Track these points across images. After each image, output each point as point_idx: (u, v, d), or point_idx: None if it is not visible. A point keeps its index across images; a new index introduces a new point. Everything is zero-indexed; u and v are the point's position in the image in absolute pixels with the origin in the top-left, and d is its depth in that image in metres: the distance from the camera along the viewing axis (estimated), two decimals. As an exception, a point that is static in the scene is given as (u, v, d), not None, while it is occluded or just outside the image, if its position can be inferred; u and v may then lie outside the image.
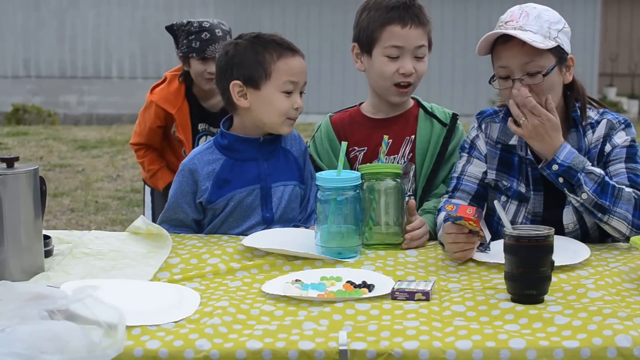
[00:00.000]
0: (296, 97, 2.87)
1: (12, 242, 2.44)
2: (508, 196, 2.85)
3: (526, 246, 2.21)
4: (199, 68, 4.25)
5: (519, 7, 2.73)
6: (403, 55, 2.97)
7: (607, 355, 1.94)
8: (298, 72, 2.86)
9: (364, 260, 2.61)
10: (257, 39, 2.88)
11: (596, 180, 2.61)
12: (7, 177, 2.43)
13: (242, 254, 2.65)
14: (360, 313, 2.15)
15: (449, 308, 2.18)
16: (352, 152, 3.07)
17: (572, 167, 2.62)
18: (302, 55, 2.92)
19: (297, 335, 2.01)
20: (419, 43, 2.98)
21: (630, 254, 2.64)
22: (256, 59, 2.84)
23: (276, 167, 2.91)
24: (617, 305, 2.17)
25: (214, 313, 2.15)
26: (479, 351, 1.94)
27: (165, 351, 1.96)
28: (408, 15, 2.96)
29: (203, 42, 4.19)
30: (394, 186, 2.74)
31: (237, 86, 2.85)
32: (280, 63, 2.84)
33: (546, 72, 2.67)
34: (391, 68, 2.97)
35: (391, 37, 2.96)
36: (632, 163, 2.74)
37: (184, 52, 4.27)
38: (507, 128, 2.83)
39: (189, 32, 4.25)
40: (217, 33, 4.23)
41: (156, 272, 2.51)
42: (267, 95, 2.84)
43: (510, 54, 2.68)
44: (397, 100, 3.05)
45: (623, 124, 2.80)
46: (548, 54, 2.68)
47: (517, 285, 2.22)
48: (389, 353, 1.94)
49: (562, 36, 2.72)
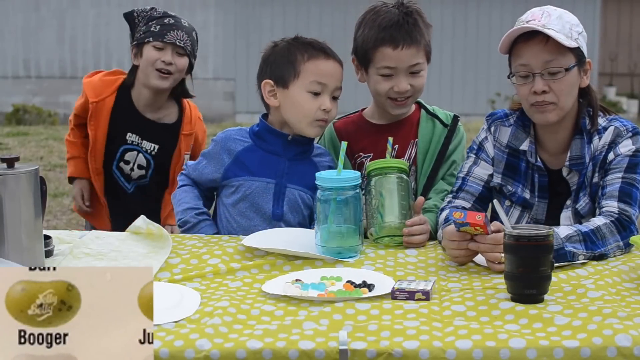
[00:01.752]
0: (324, 99, 2.87)
1: (13, 242, 2.45)
2: (512, 201, 2.84)
3: (526, 246, 2.21)
4: (152, 55, 3.64)
5: (540, 8, 2.72)
6: (397, 74, 2.96)
7: (607, 354, 1.94)
8: (327, 74, 2.88)
9: (364, 260, 2.61)
10: (295, 40, 2.94)
11: (579, 239, 2.52)
12: (8, 178, 2.43)
13: (242, 254, 2.65)
14: (360, 313, 2.15)
15: (449, 308, 2.19)
16: (359, 158, 3.08)
17: (557, 248, 2.45)
18: (338, 61, 2.93)
19: (298, 335, 2.01)
20: (412, 62, 2.95)
21: (630, 254, 2.64)
22: (288, 59, 2.88)
23: (297, 169, 2.92)
24: (617, 305, 2.17)
25: (214, 313, 2.15)
26: (479, 351, 1.94)
27: (165, 351, 1.96)
28: (400, 35, 2.92)
29: (164, 26, 3.66)
30: (401, 180, 2.76)
31: (269, 85, 2.91)
32: (309, 63, 2.87)
33: (568, 68, 2.67)
34: (385, 87, 2.98)
35: (383, 58, 2.95)
36: (631, 173, 2.69)
37: (139, 38, 3.68)
38: (518, 132, 2.83)
39: (150, 17, 3.70)
40: (182, 22, 3.72)
41: (156, 272, 2.51)
42: (294, 95, 2.87)
43: (532, 51, 2.67)
44: (396, 112, 3.06)
45: (631, 132, 2.75)
46: (569, 54, 2.68)
47: (517, 284, 2.22)
48: (389, 353, 1.94)
49: (581, 39, 2.72)
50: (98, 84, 3.77)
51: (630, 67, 21.76)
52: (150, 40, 3.62)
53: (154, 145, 3.78)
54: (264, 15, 16.52)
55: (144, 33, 3.63)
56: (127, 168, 3.80)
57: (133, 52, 3.69)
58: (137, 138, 3.75)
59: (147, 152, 3.78)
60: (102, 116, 3.75)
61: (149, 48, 3.63)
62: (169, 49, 3.61)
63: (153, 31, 3.62)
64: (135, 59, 3.69)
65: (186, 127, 3.80)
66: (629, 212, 2.63)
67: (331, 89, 2.89)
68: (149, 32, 3.63)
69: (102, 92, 3.74)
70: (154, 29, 3.61)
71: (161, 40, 3.61)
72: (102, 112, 3.74)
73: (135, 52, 3.68)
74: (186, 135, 3.79)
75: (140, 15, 3.67)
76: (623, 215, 2.61)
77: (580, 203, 2.76)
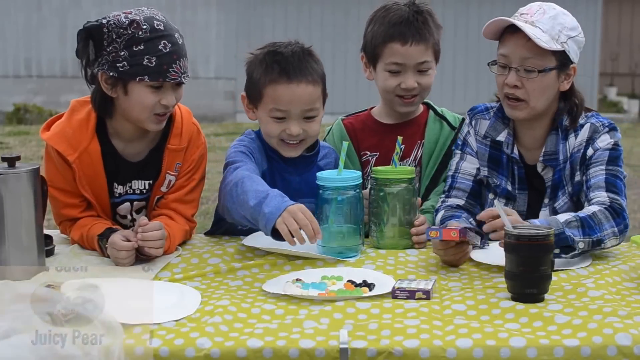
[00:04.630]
0: (289, 123, 2.76)
1: (13, 241, 2.45)
2: (496, 193, 2.86)
3: (526, 245, 2.21)
4: (148, 99, 2.64)
5: (540, 3, 2.74)
6: (405, 70, 2.97)
7: (608, 353, 1.94)
8: (286, 101, 2.74)
9: (364, 259, 2.61)
10: (268, 55, 2.81)
11: (577, 225, 2.55)
12: (9, 177, 2.43)
13: (243, 254, 2.65)
14: (360, 312, 2.15)
15: (449, 307, 2.19)
16: (364, 156, 3.08)
17: (556, 234, 2.42)
18: (308, 81, 2.74)
19: (298, 334, 2.01)
20: (421, 59, 2.96)
21: (630, 253, 2.65)
22: (255, 79, 2.81)
23: (306, 182, 2.83)
24: (617, 304, 2.18)
25: (214, 312, 2.15)
26: (480, 349, 1.94)
27: (166, 349, 1.96)
28: (409, 31, 2.94)
29: (161, 58, 2.61)
30: (407, 190, 2.73)
31: (245, 99, 2.88)
32: (269, 89, 2.77)
33: (542, 70, 2.68)
34: (392, 83, 2.98)
35: (392, 54, 2.96)
36: (613, 165, 2.72)
37: (122, 72, 2.61)
38: (497, 124, 2.86)
39: (132, 38, 2.60)
40: (176, 37, 2.66)
41: (157, 271, 2.51)
42: (261, 116, 2.83)
43: (514, 44, 2.70)
44: (404, 110, 3.06)
45: (607, 127, 2.77)
46: (550, 55, 2.68)
47: (517, 284, 2.23)
48: (390, 351, 1.95)
49: (571, 43, 2.71)
50: (68, 132, 2.72)
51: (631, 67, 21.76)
52: (145, 79, 2.62)
53: (144, 182, 2.82)
54: (265, 14, 16.52)
55: (130, 66, 2.60)
56: (126, 221, 2.86)
57: (102, 79, 2.66)
58: (124, 188, 2.81)
59: (141, 193, 2.83)
60: (93, 169, 2.74)
61: (142, 88, 2.63)
62: (169, 86, 2.66)
63: (147, 66, 2.60)
64: (110, 90, 2.67)
65: (173, 139, 2.78)
66: (620, 201, 2.65)
67: (297, 114, 2.75)
68: (139, 66, 2.60)
69: (79, 139, 2.72)
70: (147, 63, 2.60)
71: (161, 81, 2.64)
72: (93, 164, 2.73)
73: (111, 83, 2.65)
74: (172, 151, 2.79)
75: (114, 31, 2.61)
76: (615, 203, 2.64)
77: (559, 202, 2.78)
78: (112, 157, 2.76)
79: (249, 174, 2.61)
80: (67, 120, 2.75)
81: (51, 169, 2.75)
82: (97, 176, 2.74)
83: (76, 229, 2.75)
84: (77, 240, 2.75)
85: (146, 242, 2.54)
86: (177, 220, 2.77)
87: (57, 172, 2.73)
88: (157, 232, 2.55)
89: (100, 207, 2.78)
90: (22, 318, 1.93)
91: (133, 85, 2.63)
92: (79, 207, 2.77)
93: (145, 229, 2.54)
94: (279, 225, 2.41)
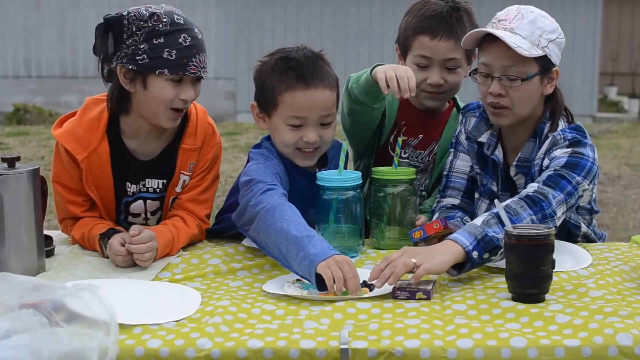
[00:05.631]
0: (306, 131, 2.67)
1: (14, 242, 2.45)
2: (480, 193, 2.85)
3: (527, 245, 2.21)
4: (167, 93, 2.62)
5: (517, 7, 2.69)
6: (432, 65, 2.96)
7: (609, 353, 1.94)
8: (305, 107, 2.65)
9: (365, 259, 2.61)
10: (281, 61, 2.70)
11: (495, 222, 2.38)
12: (9, 177, 2.43)
13: (243, 255, 2.65)
14: (361, 312, 2.15)
15: (450, 307, 2.18)
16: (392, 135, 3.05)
17: (480, 239, 2.35)
18: (326, 85, 2.67)
19: (299, 334, 2.01)
20: (449, 56, 2.94)
21: (631, 253, 2.64)
22: (269, 87, 2.69)
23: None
24: (618, 304, 2.17)
25: (215, 312, 2.15)
26: (480, 350, 1.94)
27: (166, 350, 1.96)
28: (441, 26, 2.92)
29: (181, 51, 2.61)
30: (407, 191, 2.74)
31: (256, 108, 2.77)
32: (286, 95, 2.66)
33: (525, 78, 2.63)
34: (420, 76, 2.94)
35: (420, 46, 2.95)
36: (567, 170, 2.56)
37: (141, 65, 2.59)
38: (481, 124, 2.84)
39: (152, 31, 2.59)
40: (195, 31, 2.68)
41: (158, 272, 2.51)
42: (275, 125, 2.71)
43: (494, 53, 2.65)
44: (428, 104, 3.04)
45: (568, 140, 2.63)
46: (532, 61, 2.63)
47: (518, 284, 2.22)
48: (390, 352, 1.94)
49: (552, 47, 2.65)
50: (79, 131, 2.71)
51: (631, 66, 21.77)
52: (165, 72, 2.60)
53: (158, 182, 2.81)
54: (265, 14, 16.52)
55: (150, 59, 2.59)
56: (139, 219, 2.85)
57: (121, 73, 2.64)
58: (137, 186, 2.80)
59: (155, 192, 2.82)
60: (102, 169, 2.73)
61: (161, 82, 2.61)
62: (188, 80, 2.66)
63: (167, 59, 2.59)
64: (129, 84, 2.65)
65: (188, 139, 2.78)
66: (546, 191, 2.49)
67: (314, 120, 2.67)
68: (159, 59, 2.59)
69: (89, 139, 2.71)
70: (167, 56, 2.59)
71: (181, 74, 2.63)
72: (102, 164, 2.73)
73: (130, 77, 2.63)
74: (186, 151, 2.78)
75: (134, 23, 2.60)
76: (536, 193, 2.48)
77: None
78: (123, 156, 2.74)
79: (289, 204, 2.50)
80: (79, 119, 2.73)
81: (59, 165, 2.75)
82: (105, 177, 2.73)
83: (78, 228, 2.74)
84: (78, 240, 2.74)
85: (134, 254, 2.53)
86: (189, 222, 2.75)
87: (64, 169, 2.73)
88: (144, 246, 2.51)
89: (104, 208, 2.76)
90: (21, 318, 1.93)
91: (152, 79, 2.61)
92: (83, 205, 2.76)
93: (133, 240, 2.52)
94: (322, 269, 2.27)
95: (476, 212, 2.86)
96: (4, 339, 1.87)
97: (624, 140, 13.04)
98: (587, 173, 2.58)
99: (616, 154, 11.34)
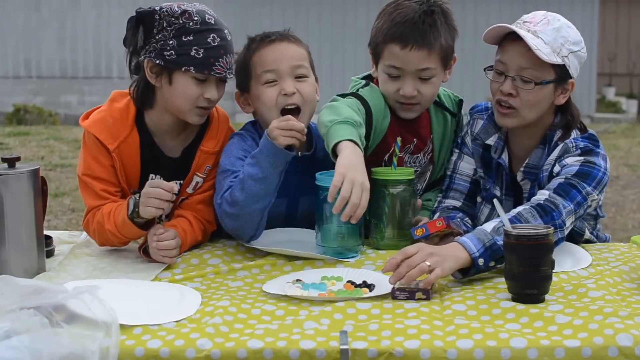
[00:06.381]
0: (283, 83, 2.71)
1: (14, 242, 2.45)
2: (482, 197, 2.83)
3: (526, 245, 2.21)
4: (192, 91, 2.64)
5: (545, 13, 2.66)
6: (404, 75, 2.76)
7: (609, 354, 1.94)
8: (272, 59, 2.71)
9: (364, 259, 2.61)
10: (250, 42, 2.82)
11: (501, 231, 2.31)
12: (9, 177, 2.43)
13: (243, 255, 2.65)
14: (361, 312, 2.15)
15: (449, 307, 2.18)
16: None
17: (488, 247, 2.34)
18: (291, 41, 2.75)
19: (298, 335, 2.01)
20: (422, 66, 2.74)
21: (630, 254, 2.64)
22: (241, 63, 2.79)
23: (307, 179, 2.69)
24: (618, 305, 2.17)
25: (215, 312, 2.15)
26: (480, 350, 1.94)
27: (166, 350, 1.96)
28: (412, 34, 2.70)
29: (209, 50, 2.63)
30: (407, 191, 2.72)
31: (237, 95, 2.84)
32: (254, 57, 2.76)
33: (539, 82, 2.61)
34: (391, 87, 2.79)
35: (390, 56, 2.75)
36: (577, 178, 2.54)
37: (170, 61, 2.62)
38: (489, 126, 2.81)
39: (182, 28, 2.61)
40: (227, 36, 2.70)
41: (158, 272, 2.51)
42: (256, 94, 2.77)
43: (513, 52, 2.64)
44: (404, 116, 2.87)
45: (580, 149, 2.61)
46: (549, 68, 2.61)
47: (517, 284, 2.22)
48: (390, 352, 1.94)
49: (572, 58, 2.64)
50: (109, 121, 2.72)
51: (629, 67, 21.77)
52: (191, 70, 2.62)
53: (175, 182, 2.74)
54: (263, 15, 16.52)
55: (177, 55, 2.61)
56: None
57: (148, 67, 2.67)
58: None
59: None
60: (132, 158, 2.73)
61: (187, 79, 2.63)
62: (213, 80, 2.67)
63: (194, 57, 2.61)
64: (155, 79, 2.67)
65: (208, 142, 2.78)
66: (557, 201, 2.47)
67: (286, 71, 2.70)
68: (186, 56, 2.61)
69: (120, 128, 2.72)
70: (195, 54, 2.60)
71: (207, 73, 2.64)
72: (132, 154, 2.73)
73: (156, 71, 2.66)
74: (204, 153, 2.78)
75: (165, 19, 2.62)
76: (547, 202, 2.47)
77: None
78: (150, 149, 2.75)
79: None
80: (108, 109, 2.74)
81: (88, 159, 2.73)
82: (133, 168, 2.74)
83: (108, 206, 2.68)
84: (105, 214, 2.66)
85: (161, 251, 2.55)
86: (194, 225, 2.74)
87: (94, 161, 2.71)
88: (172, 242, 2.56)
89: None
90: (22, 319, 1.93)
91: (178, 76, 2.64)
92: (115, 195, 2.73)
93: (161, 237, 2.55)
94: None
95: (478, 216, 2.85)
96: (4, 339, 1.87)
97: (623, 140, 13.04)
98: (598, 184, 2.57)
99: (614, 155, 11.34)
